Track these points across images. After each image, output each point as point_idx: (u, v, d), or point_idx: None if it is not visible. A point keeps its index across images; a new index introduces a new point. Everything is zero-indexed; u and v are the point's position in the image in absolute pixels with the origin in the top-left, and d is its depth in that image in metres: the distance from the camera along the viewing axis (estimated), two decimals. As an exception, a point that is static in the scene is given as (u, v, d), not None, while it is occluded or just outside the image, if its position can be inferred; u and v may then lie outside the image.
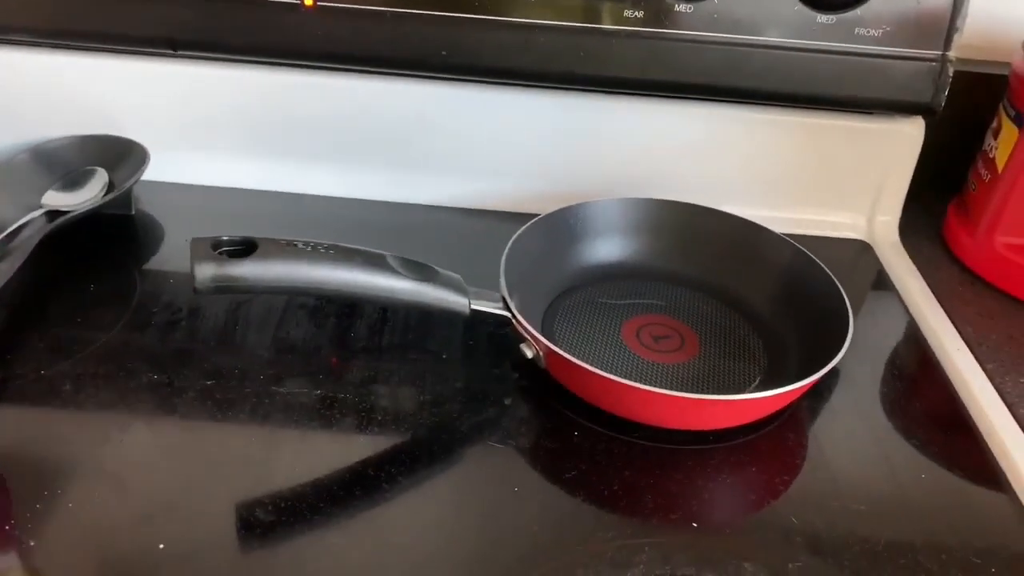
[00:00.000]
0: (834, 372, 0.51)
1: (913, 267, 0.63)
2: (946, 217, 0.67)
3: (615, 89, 0.61)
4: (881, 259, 0.64)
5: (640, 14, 0.56)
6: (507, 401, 0.48)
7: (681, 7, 0.56)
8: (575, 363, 0.44)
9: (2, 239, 0.53)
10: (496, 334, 0.52)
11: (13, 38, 0.62)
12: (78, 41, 0.61)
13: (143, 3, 0.58)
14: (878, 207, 0.66)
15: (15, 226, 0.55)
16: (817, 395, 0.50)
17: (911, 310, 0.59)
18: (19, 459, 0.42)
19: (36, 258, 0.53)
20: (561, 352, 0.45)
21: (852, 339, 0.54)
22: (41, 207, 0.58)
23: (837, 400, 0.51)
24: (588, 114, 0.62)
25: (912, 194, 0.66)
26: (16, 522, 0.39)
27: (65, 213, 0.57)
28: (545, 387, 0.48)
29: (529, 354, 0.47)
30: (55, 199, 0.59)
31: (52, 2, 0.58)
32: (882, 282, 0.63)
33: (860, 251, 0.65)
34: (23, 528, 0.39)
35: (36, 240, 0.54)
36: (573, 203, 0.57)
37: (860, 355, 0.54)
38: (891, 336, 0.57)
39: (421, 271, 0.45)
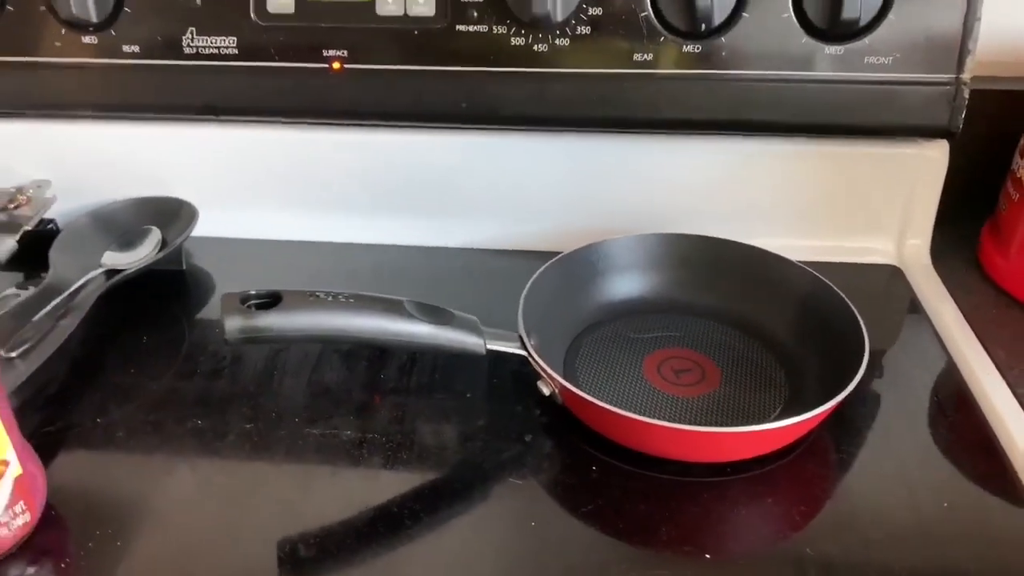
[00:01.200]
0: (861, 399, 0.51)
1: (944, 290, 0.63)
2: (980, 239, 0.66)
3: (631, 129, 0.62)
4: (912, 283, 0.64)
5: (650, 56, 0.58)
6: (528, 438, 0.50)
7: (689, 47, 0.58)
8: (589, 400, 0.46)
9: (65, 298, 0.58)
10: (520, 372, 0.53)
11: (74, 113, 0.67)
12: (130, 112, 0.67)
13: (185, 76, 0.62)
14: (907, 231, 0.66)
15: (77, 285, 0.60)
16: (842, 422, 0.50)
17: (942, 334, 0.59)
18: (76, 500, 0.46)
19: (95, 313, 0.58)
20: (574, 389, 0.46)
21: (887, 365, 0.54)
22: (100, 266, 0.63)
23: (862, 427, 0.51)
24: (607, 154, 0.64)
25: (947, 217, 0.66)
26: (71, 560, 0.43)
27: (122, 271, 0.62)
28: (565, 423, 0.50)
29: (546, 391, 0.49)
30: (113, 259, 0.64)
31: (106, 81, 0.64)
32: (914, 306, 0.62)
33: (891, 276, 0.65)
34: (77, 565, 0.42)
35: (95, 296, 0.59)
36: (595, 241, 0.59)
37: (889, 381, 0.54)
38: (921, 361, 0.57)
39: (437, 315, 0.48)
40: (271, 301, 0.45)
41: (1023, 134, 0.61)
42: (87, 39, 0.63)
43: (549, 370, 0.48)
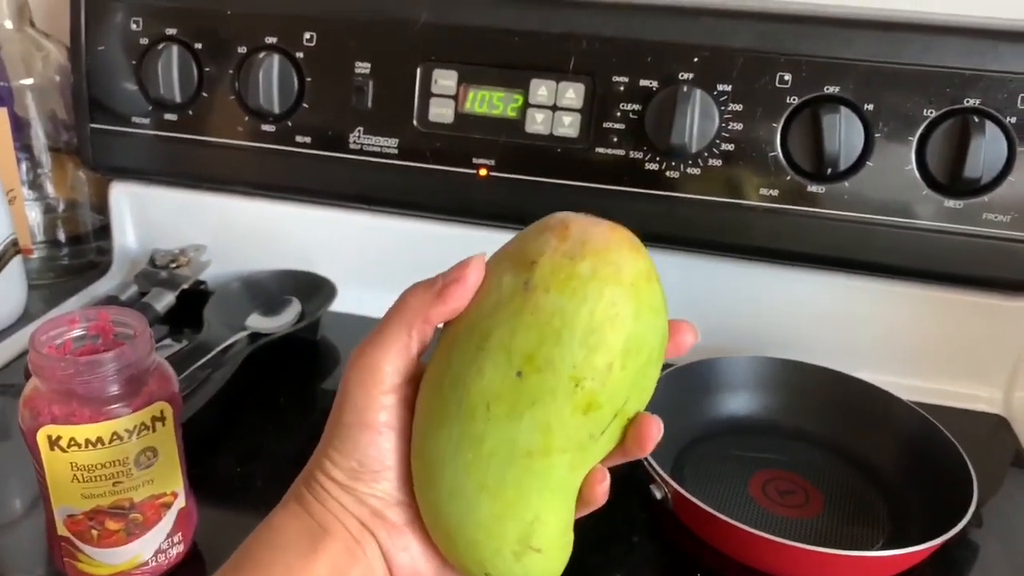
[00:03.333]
0: (965, 545, 0.52)
1: (1052, 446, 0.63)
2: (1089, 398, 0.66)
3: (751, 256, 0.66)
4: (1019, 435, 0.64)
5: (775, 192, 0.62)
6: (635, 539, 0.52)
7: (814, 187, 0.62)
8: (701, 507, 0.48)
9: (217, 353, 0.64)
10: (630, 475, 0.56)
11: (234, 188, 0.75)
12: (290, 193, 0.74)
13: (347, 167, 0.70)
14: (1016, 383, 0.67)
15: (227, 343, 0.65)
16: (943, 568, 0.51)
17: (1048, 489, 0.59)
18: (215, 540, 0.50)
19: (239, 371, 0.63)
20: (688, 496, 0.48)
21: (986, 515, 0.55)
22: (246, 328, 0.69)
23: (964, 574, 0.51)
24: (723, 276, 0.68)
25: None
26: (209, 597, 0.46)
27: (265, 335, 0.68)
28: (671, 528, 0.52)
29: (658, 495, 0.51)
30: (257, 322, 0.70)
31: (270, 162, 0.71)
32: (1019, 459, 0.62)
33: (997, 426, 0.66)
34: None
35: (242, 356, 0.65)
36: (709, 357, 0.62)
37: (992, 531, 0.55)
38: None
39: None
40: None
41: None
42: (266, 127, 0.71)
43: (664, 475, 0.50)
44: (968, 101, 0.59)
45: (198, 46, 0.71)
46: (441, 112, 0.67)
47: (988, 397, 0.67)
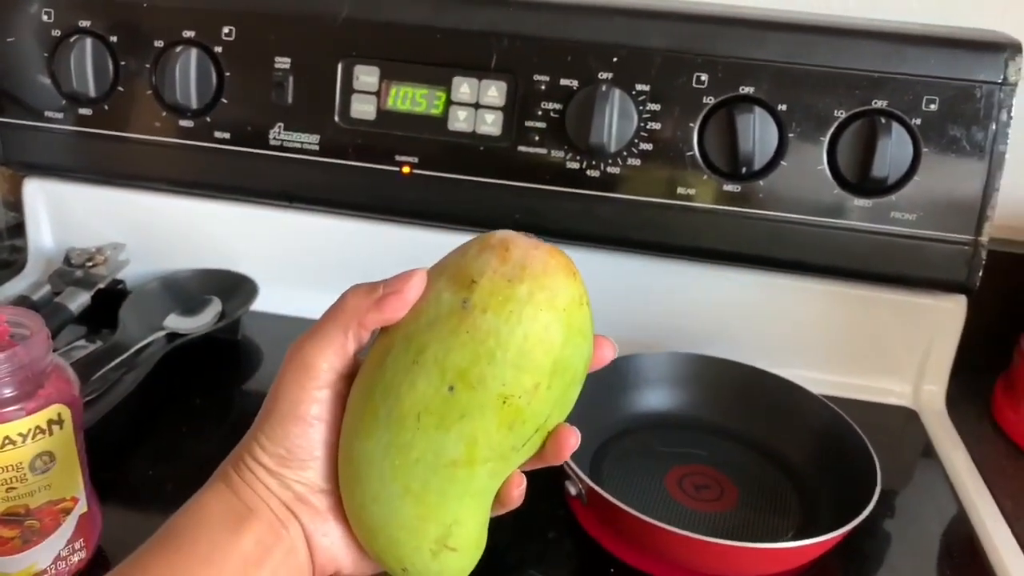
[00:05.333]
0: (874, 535, 0.54)
1: (958, 437, 0.65)
2: (993, 391, 0.69)
3: (669, 254, 0.67)
4: (927, 427, 0.67)
5: (692, 191, 0.63)
6: (551, 535, 0.52)
7: (730, 187, 0.63)
8: (614, 503, 0.48)
9: (131, 355, 0.62)
10: (544, 471, 0.56)
11: (152, 185, 0.73)
12: (210, 191, 0.72)
13: (268, 164, 0.68)
14: (924, 376, 0.69)
15: (142, 343, 0.64)
16: (854, 557, 0.52)
17: (953, 480, 0.61)
18: (123, 545, 0.48)
19: (155, 372, 0.62)
20: (602, 492, 0.49)
21: (898, 505, 0.57)
22: (164, 329, 0.67)
23: (871, 564, 0.53)
24: (643, 274, 0.69)
25: (963, 367, 0.69)
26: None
27: (183, 335, 0.66)
28: (587, 524, 0.52)
29: (573, 491, 0.52)
30: (175, 323, 0.68)
31: (194, 161, 0.70)
32: (927, 450, 0.65)
33: (907, 418, 0.68)
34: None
35: (157, 357, 0.63)
36: (628, 354, 0.63)
37: (900, 520, 0.57)
38: (932, 504, 0.59)
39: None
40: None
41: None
42: (184, 122, 0.69)
43: (578, 471, 0.51)
44: (876, 103, 0.60)
45: (113, 39, 0.69)
46: (363, 109, 0.67)
47: (898, 391, 0.69)
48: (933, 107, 0.60)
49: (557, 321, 0.32)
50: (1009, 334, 0.69)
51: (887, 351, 0.68)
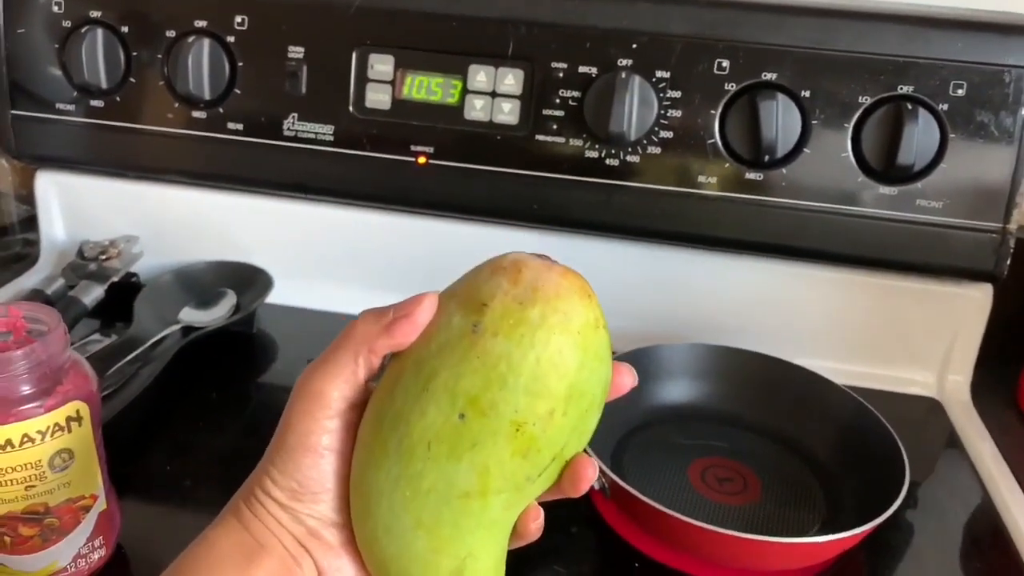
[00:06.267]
0: (898, 527, 0.53)
1: (983, 427, 0.64)
2: (1019, 381, 0.68)
3: (690, 244, 0.66)
4: (952, 418, 0.66)
5: (713, 179, 0.62)
6: (574, 529, 0.52)
7: (752, 175, 0.62)
8: (637, 496, 0.48)
9: (146, 348, 0.62)
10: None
11: (165, 177, 0.73)
12: (224, 183, 0.72)
13: (282, 155, 0.68)
14: (949, 366, 0.68)
15: (157, 337, 0.63)
16: (878, 549, 0.52)
17: (979, 470, 0.60)
18: (142, 542, 0.48)
19: (171, 366, 0.61)
20: (625, 485, 0.48)
21: (921, 496, 0.56)
22: (178, 322, 0.67)
23: (896, 555, 0.52)
24: (664, 264, 0.68)
25: (988, 357, 0.68)
26: (134, 600, 0.45)
27: (198, 329, 0.66)
28: (611, 518, 0.52)
29: (596, 485, 0.51)
30: (190, 316, 0.68)
31: (208, 152, 0.69)
32: (953, 441, 0.64)
33: (931, 409, 0.67)
34: (139, 606, 0.44)
35: (173, 351, 0.63)
36: (648, 345, 0.62)
37: (926, 512, 0.56)
38: (957, 495, 0.58)
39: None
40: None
41: (1065, 285, 0.64)
42: (197, 113, 0.68)
43: (601, 464, 0.50)
44: (901, 88, 0.59)
45: (124, 29, 0.68)
46: (378, 98, 0.66)
47: (922, 381, 0.68)
48: (960, 92, 0.59)
49: (571, 344, 0.31)
50: (1039, 323, 0.68)
51: (911, 341, 0.67)
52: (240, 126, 0.68)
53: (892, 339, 0.67)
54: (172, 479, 0.53)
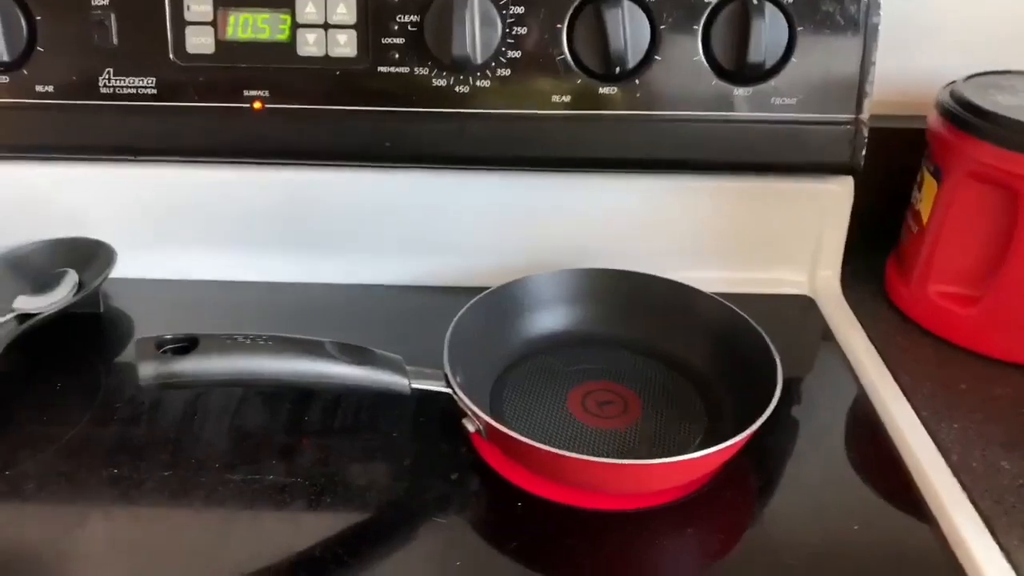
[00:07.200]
0: (780, 425, 0.53)
1: (855, 319, 0.65)
2: (885, 270, 0.69)
3: (551, 168, 0.64)
4: (824, 313, 0.67)
5: (567, 98, 0.60)
6: (454, 476, 0.50)
7: (605, 89, 0.59)
8: (511, 435, 0.46)
9: (-29, 345, 0.56)
10: (447, 410, 0.53)
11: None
12: (44, 153, 0.65)
13: (102, 116, 0.62)
14: (818, 263, 0.68)
15: (-16, 331, 0.58)
16: (761, 449, 0.52)
17: (852, 362, 0.61)
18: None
19: (5, 360, 0.56)
20: (496, 424, 0.47)
21: (804, 390, 0.56)
22: (12, 311, 0.61)
23: (781, 454, 0.53)
24: (528, 192, 0.65)
25: (856, 249, 0.69)
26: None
27: (35, 315, 0.60)
28: (491, 460, 0.50)
29: (471, 428, 0.49)
30: (25, 303, 0.62)
31: (18, 121, 0.62)
32: (827, 335, 0.65)
33: (805, 306, 0.68)
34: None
35: (6, 343, 0.57)
36: (519, 277, 0.60)
37: (806, 407, 0.56)
38: (834, 389, 0.59)
39: (359, 355, 0.48)
40: (187, 345, 0.45)
41: (919, 169, 0.64)
42: (-2, 78, 0.61)
43: (473, 407, 0.48)
44: (746, -16, 0.57)
45: None
46: (200, 42, 0.60)
47: (795, 280, 0.69)
48: (804, -18, 0.57)
49: None
50: (899, 211, 0.69)
51: (779, 241, 0.67)
52: (50, 88, 0.61)
53: (760, 241, 0.67)
54: (14, 483, 0.49)
